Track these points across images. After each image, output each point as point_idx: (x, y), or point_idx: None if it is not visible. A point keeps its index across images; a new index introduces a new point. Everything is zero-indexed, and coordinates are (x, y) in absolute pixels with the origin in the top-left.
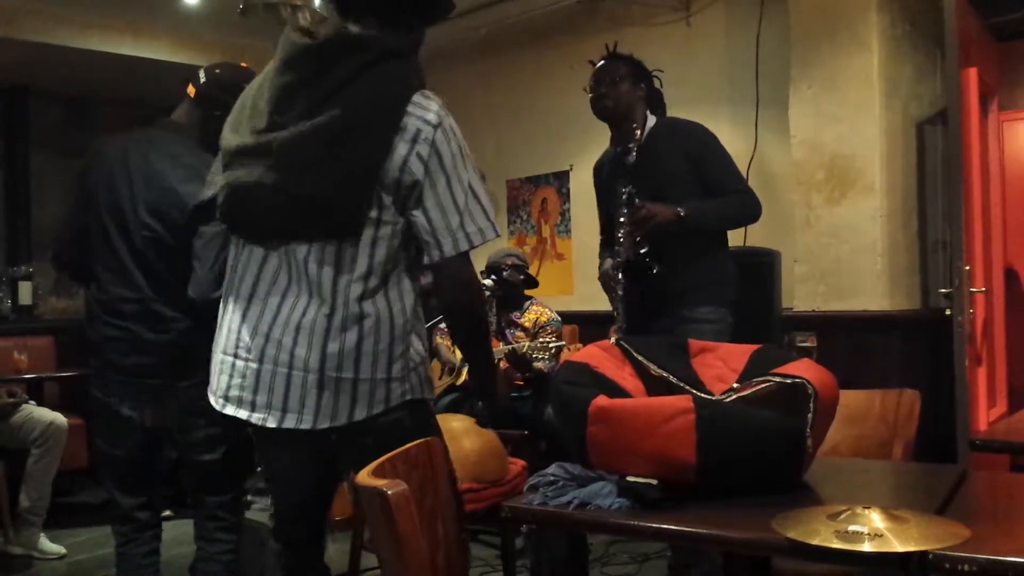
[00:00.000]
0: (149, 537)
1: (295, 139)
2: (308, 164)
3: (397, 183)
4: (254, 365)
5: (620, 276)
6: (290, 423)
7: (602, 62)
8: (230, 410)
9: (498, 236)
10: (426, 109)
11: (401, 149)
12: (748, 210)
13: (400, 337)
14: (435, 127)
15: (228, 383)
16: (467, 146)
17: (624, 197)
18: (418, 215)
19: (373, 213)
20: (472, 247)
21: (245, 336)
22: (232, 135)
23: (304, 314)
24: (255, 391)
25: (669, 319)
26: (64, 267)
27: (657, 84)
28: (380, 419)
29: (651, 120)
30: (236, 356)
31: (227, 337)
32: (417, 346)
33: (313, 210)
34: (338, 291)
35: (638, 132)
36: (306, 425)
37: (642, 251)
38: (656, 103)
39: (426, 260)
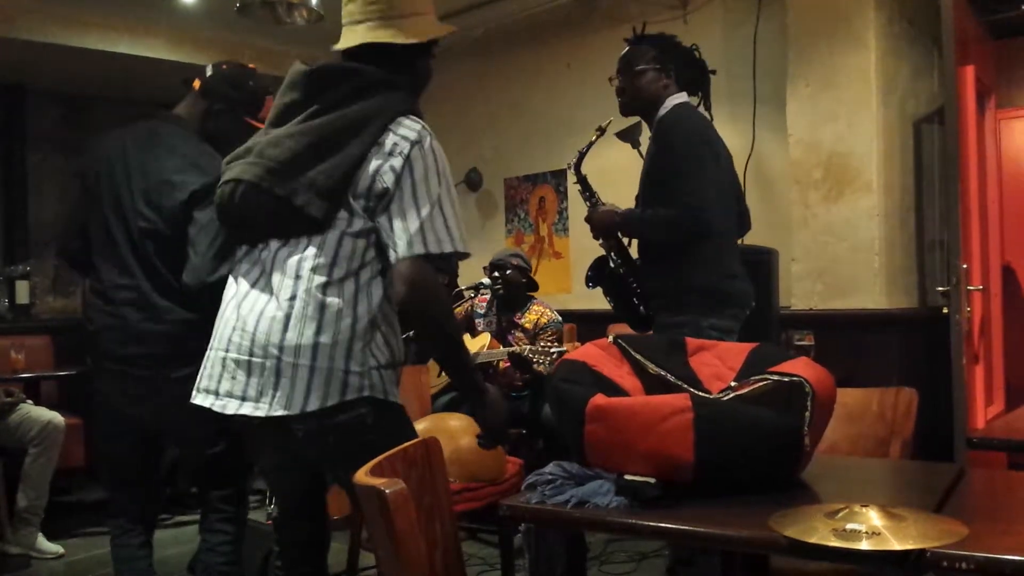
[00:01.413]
0: (142, 529)
1: (275, 140)
2: (283, 164)
3: (368, 190)
4: (221, 354)
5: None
6: (246, 410)
7: (626, 49)
8: (199, 399)
9: (461, 254)
10: (408, 128)
11: (376, 161)
12: (674, 225)
13: (361, 334)
14: (413, 143)
15: (202, 374)
16: (448, 170)
17: (582, 195)
18: (382, 220)
19: (343, 215)
20: (428, 252)
21: (222, 328)
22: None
23: (268, 302)
24: (219, 379)
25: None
26: (69, 260)
27: (696, 55)
28: (340, 416)
29: (664, 109)
30: (214, 348)
31: (214, 333)
32: (381, 346)
33: (284, 208)
34: (301, 279)
35: (635, 129)
36: (261, 413)
37: (608, 251)
38: (692, 81)
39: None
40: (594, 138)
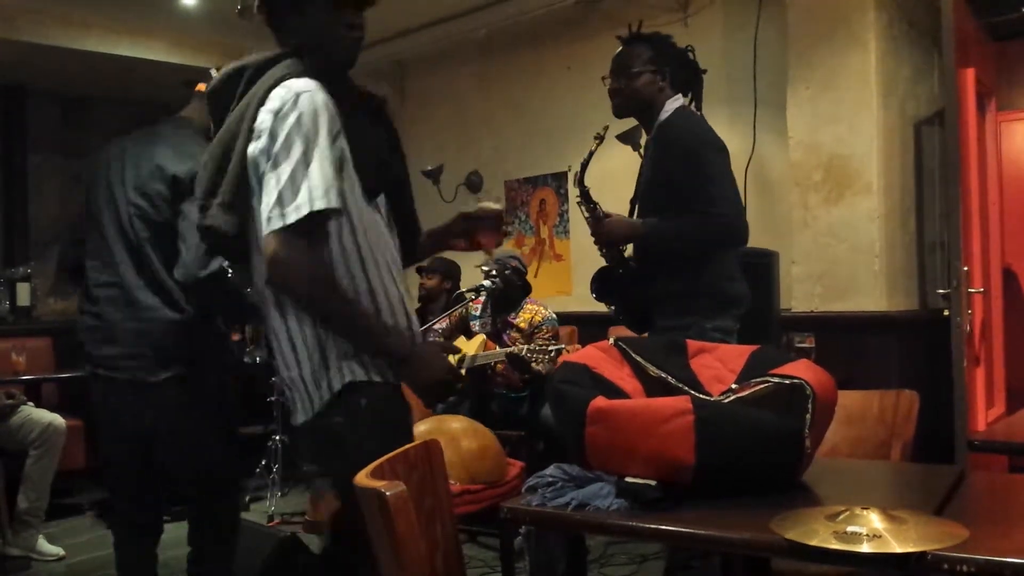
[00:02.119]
0: (148, 540)
1: (199, 179)
2: (206, 197)
3: (260, 180)
4: None
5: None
6: (299, 420)
7: (620, 48)
8: None
9: (327, 207)
10: (272, 100)
11: (250, 149)
12: (710, 235)
13: (324, 329)
14: (274, 113)
15: None
16: (319, 125)
17: (581, 206)
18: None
19: (253, 221)
20: (284, 225)
21: None
22: None
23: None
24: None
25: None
26: (70, 270)
27: (691, 56)
28: (340, 405)
29: (665, 113)
30: None
31: None
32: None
33: (220, 237)
34: (266, 301)
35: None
36: (297, 421)
37: (610, 260)
38: (686, 83)
39: None
40: (593, 147)
